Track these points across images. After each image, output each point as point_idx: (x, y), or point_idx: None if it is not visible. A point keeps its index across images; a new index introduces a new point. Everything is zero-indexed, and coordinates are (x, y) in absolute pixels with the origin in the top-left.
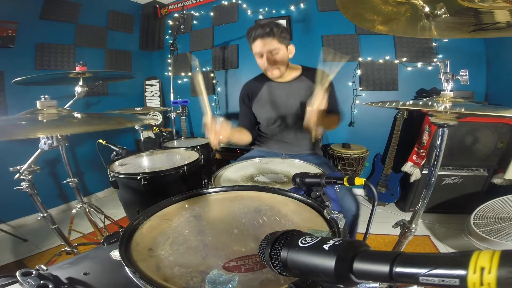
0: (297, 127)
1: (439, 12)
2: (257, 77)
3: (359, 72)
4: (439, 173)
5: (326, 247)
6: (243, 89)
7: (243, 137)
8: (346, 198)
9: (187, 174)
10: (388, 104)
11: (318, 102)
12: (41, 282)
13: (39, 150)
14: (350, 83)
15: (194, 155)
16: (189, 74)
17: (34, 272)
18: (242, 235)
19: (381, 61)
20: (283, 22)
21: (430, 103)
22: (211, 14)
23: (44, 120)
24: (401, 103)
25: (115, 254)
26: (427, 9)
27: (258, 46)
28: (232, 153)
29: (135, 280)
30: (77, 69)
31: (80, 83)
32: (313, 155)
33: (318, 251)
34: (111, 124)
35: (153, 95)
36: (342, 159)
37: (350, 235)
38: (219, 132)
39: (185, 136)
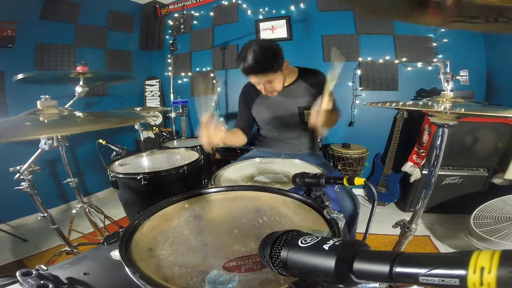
0: (296, 130)
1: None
2: None
3: (359, 72)
4: (439, 173)
5: (326, 247)
6: (243, 90)
7: (237, 140)
8: (344, 197)
9: (187, 174)
10: (388, 104)
11: (325, 103)
12: (41, 282)
13: (39, 150)
14: (350, 83)
15: (194, 155)
16: (189, 74)
17: (34, 272)
18: (242, 235)
19: (381, 61)
20: (283, 22)
21: (430, 103)
22: (211, 14)
23: (46, 121)
24: (401, 103)
25: (115, 254)
26: None
27: (252, 79)
28: (232, 153)
29: (135, 280)
30: (78, 69)
31: (81, 83)
32: (312, 156)
33: (318, 251)
34: (114, 122)
35: (153, 95)
36: (342, 159)
37: (348, 234)
38: (213, 134)
39: (185, 136)
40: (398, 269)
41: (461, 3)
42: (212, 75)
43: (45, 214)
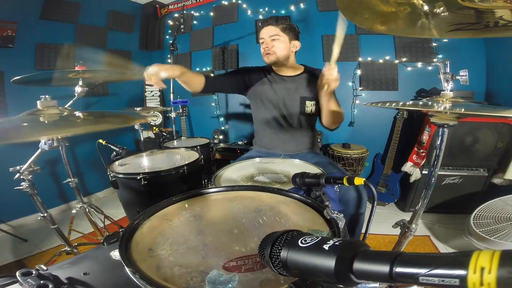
0: (296, 119)
1: (438, 11)
2: (262, 66)
3: (359, 72)
4: (439, 173)
5: (326, 247)
6: (251, 67)
7: (195, 78)
8: (348, 194)
9: (187, 174)
10: (388, 104)
11: (334, 59)
12: (41, 282)
13: (39, 150)
14: (350, 83)
15: (194, 155)
16: None
17: (34, 272)
18: (242, 235)
19: (381, 61)
20: None
21: (430, 103)
22: (211, 14)
23: (46, 122)
24: (401, 103)
25: (115, 254)
26: (426, 8)
27: (263, 32)
28: (232, 153)
29: (135, 280)
30: (77, 68)
31: (80, 83)
32: (312, 153)
33: (318, 251)
34: (115, 123)
35: (153, 95)
36: (342, 159)
37: (352, 234)
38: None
39: (185, 136)
40: (398, 269)
41: (455, 10)
42: (212, 75)
43: (45, 214)
